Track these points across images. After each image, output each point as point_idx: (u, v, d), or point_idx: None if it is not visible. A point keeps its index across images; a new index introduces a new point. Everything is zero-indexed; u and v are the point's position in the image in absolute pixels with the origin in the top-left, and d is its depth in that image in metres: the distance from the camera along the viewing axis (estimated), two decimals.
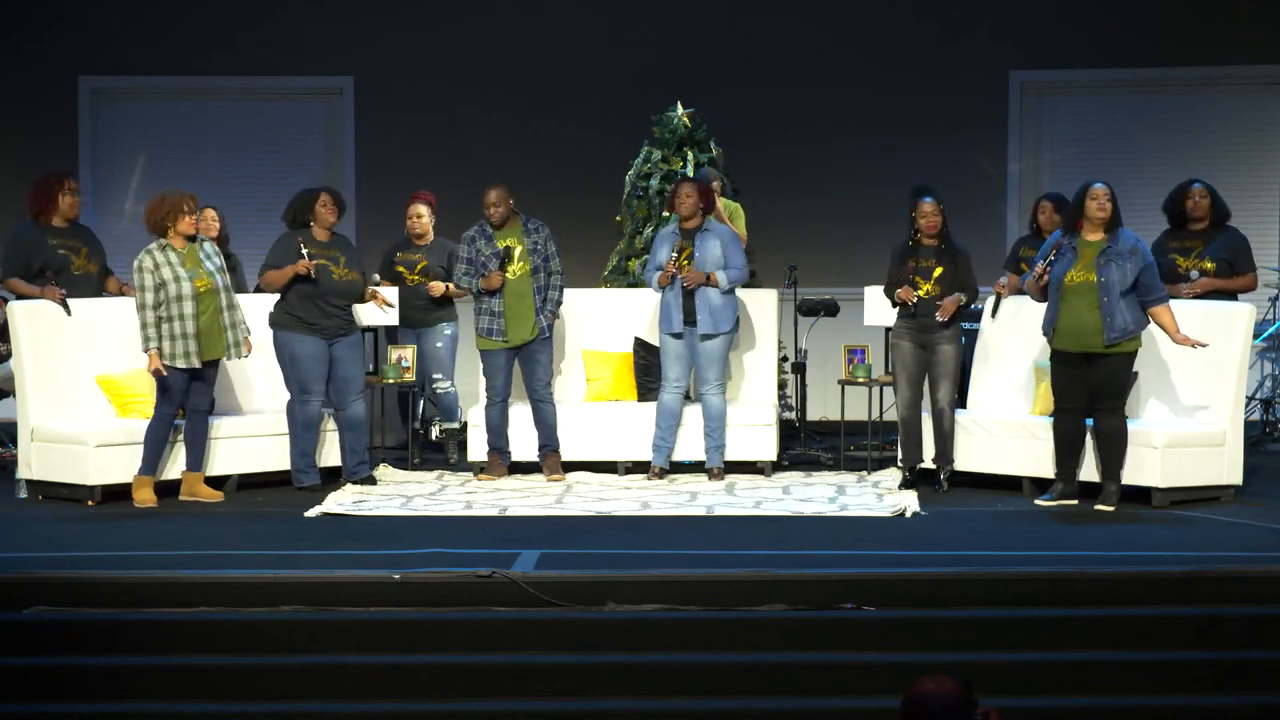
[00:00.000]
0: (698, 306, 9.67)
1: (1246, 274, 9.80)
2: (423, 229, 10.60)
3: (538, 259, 9.73)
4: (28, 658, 6.67)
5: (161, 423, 8.97)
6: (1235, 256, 9.78)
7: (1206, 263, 9.71)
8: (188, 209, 8.96)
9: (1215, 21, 12.69)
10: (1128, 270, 8.58)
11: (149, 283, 8.86)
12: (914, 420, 9.42)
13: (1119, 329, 8.58)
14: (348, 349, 9.53)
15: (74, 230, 9.79)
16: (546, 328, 9.75)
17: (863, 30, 12.84)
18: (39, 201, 9.71)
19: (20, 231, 9.75)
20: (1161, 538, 8.03)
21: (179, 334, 8.86)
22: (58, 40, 12.86)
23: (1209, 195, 9.81)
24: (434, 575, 7.02)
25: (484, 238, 9.75)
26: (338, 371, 9.48)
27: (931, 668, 6.15)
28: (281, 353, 9.45)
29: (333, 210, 9.54)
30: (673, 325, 9.71)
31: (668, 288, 9.70)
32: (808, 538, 8.06)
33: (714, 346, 9.72)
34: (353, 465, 9.54)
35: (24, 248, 9.66)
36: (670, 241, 9.76)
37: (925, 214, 9.30)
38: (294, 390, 9.44)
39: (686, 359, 9.76)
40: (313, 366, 9.40)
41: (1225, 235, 9.82)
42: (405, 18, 12.88)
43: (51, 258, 9.60)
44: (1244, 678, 6.59)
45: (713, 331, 9.69)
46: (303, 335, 9.40)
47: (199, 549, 7.70)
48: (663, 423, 9.80)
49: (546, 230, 9.82)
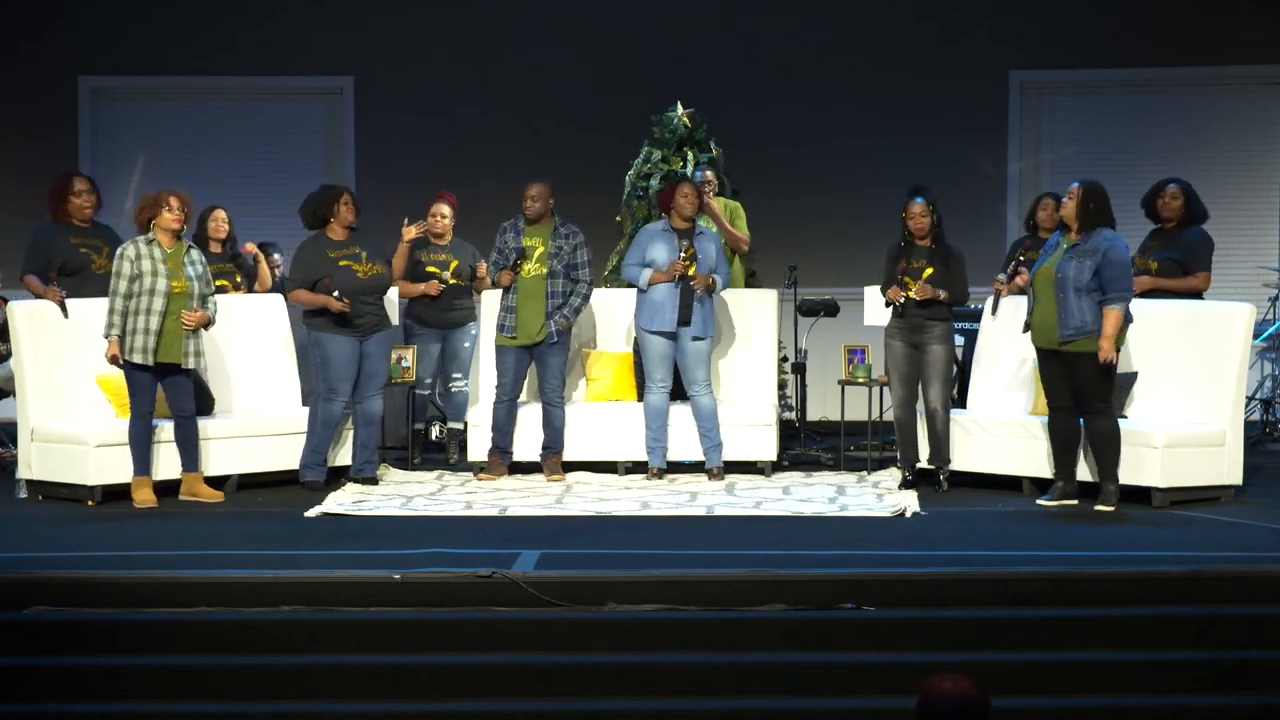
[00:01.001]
0: (694, 309, 9.67)
1: (1198, 274, 9.65)
2: (444, 229, 10.58)
3: (558, 263, 9.70)
4: (28, 658, 6.66)
5: (138, 420, 8.94)
6: (1187, 256, 9.63)
7: (1151, 262, 9.65)
8: (171, 206, 8.92)
9: (1215, 21, 12.70)
10: (1086, 267, 8.55)
11: (126, 271, 8.85)
12: (909, 420, 9.42)
13: (1073, 326, 8.56)
14: (379, 344, 9.61)
15: (94, 229, 9.85)
16: (555, 332, 9.71)
17: (863, 30, 12.84)
18: (53, 201, 9.78)
19: (39, 232, 9.80)
20: (1161, 538, 8.03)
21: (140, 328, 8.82)
22: (58, 40, 12.86)
23: (1181, 196, 9.71)
24: (434, 575, 7.02)
25: (514, 231, 9.78)
26: (365, 367, 9.54)
27: (931, 668, 6.15)
28: (316, 352, 9.52)
29: (353, 209, 9.59)
30: (665, 323, 9.69)
31: (667, 285, 9.66)
32: (808, 538, 8.06)
33: (703, 347, 9.73)
34: (360, 462, 9.55)
35: (44, 247, 9.70)
36: (665, 240, 9.74)
37: (914, 215, 9.31)
38: (322, 389, 9.51)
39: (671, 358, 9.75)
40: (345, 367, 9.46)
41: (1186, 235, 9.68)
42: (405, 18, 12.88)
43: (73, 257, 9.66)
44: (1244, 678, 6.59)
45: (703, 334, 9.70)
46: (338, 335, 9.46)
47: (199, 549, 7.70)
48: (654, 423, 9.80)
49: (580, 238, 9.78)
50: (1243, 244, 12.31)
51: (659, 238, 9.78)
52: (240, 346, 9.90)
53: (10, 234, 11.81)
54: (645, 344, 9.78)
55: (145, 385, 8.91)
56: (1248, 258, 12.34)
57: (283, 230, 11.36)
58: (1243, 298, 10.26)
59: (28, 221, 10.49)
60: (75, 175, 9.97)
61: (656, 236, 9.80)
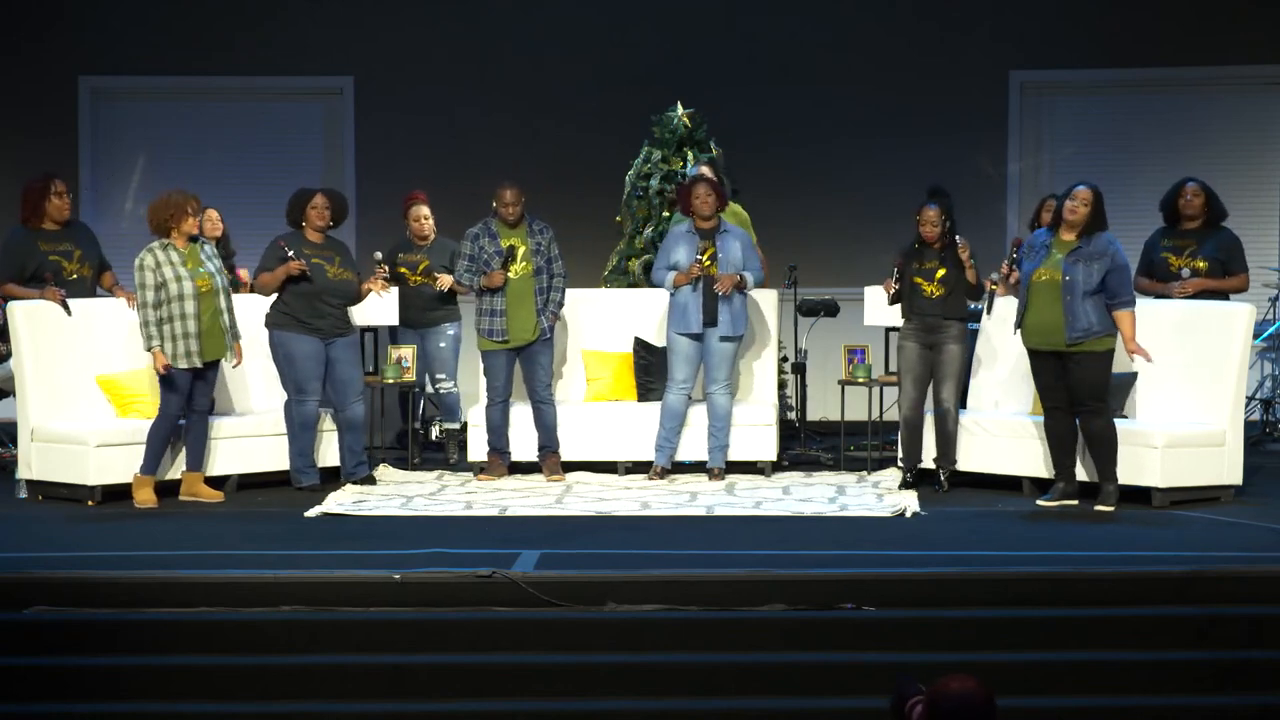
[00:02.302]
0: (720, 308, 9.66)
1: (1239, 275, 9.79)
2: (429, 230, 10.60)
3: (541, 260, 9.72)
4: (28, 658, 6.66)
5: (166, 422, 8.96)
6: (1228, 257, 9.78)
7: (1199, 262, 9.70)
8: (191, 210, 8.95)
9: (1215, 21, 12.69)
10: (1094, 271, 8.59)
11: (150, 281, 8.86)
12: (917, 420, 9.41)
13: (1081, 329, 8.59)
14: (345, 349, 9.53)
15: (66, 233, 9.71)
16: (548, 329, 9.73)
17: (863, 30, 12.84)
18: (27, 206, 9.66)
19: (10, 237, 9.70)
20: (1161, 538, 8.03)
21: (180, 334, 8.86)
22: (58, 40, 12.86)
23: (1203, 194, 9.80)
24: (434, 575, 7.02)
25: (488, 235, 9.75)
26: (336, 373, 9.47)
27: (931, 668, 6.16)
28: (278, 352, 9.44)
29: (322, 215, 9.49)
30: (690, 325, 9.68)
31: (689, 287, 9.66)
32: (808, 538, 8.06)
33: (730, 348, 9.72)
34: (351, 466, 9.53)
35: (15, 253, 9.61)
36: (688, 242, 9.72)
37: (926, 221, 9.32)
38: (290, 390, 9.43)
39: (696, 360, 9.74)
40: (309, 366, 9.39)
41: (1219, 235, 9.81)
42: (405, 18, 12.88)
43: (44, 264, 9.56)
44: (1244, 678, 6.60)
45: (732, 334, 9.69)
46: (299, 335, 9.39)
47: (199, 549, 7.70)
48: (668, 423, 9.79)
49: (551, 232, 9.81)
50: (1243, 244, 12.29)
51: (682, 240, 9.77)
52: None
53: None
54: (672, 345, 9.78)
55: (183, 389, 8.92)
56: (1248, 258, 12.29)
57: (283, 230, 11.35)
58: (1242, 297, 10.26)
59: None
60: (54, 177, 9.81)
61: (680, 239, 9.78)
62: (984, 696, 4.28)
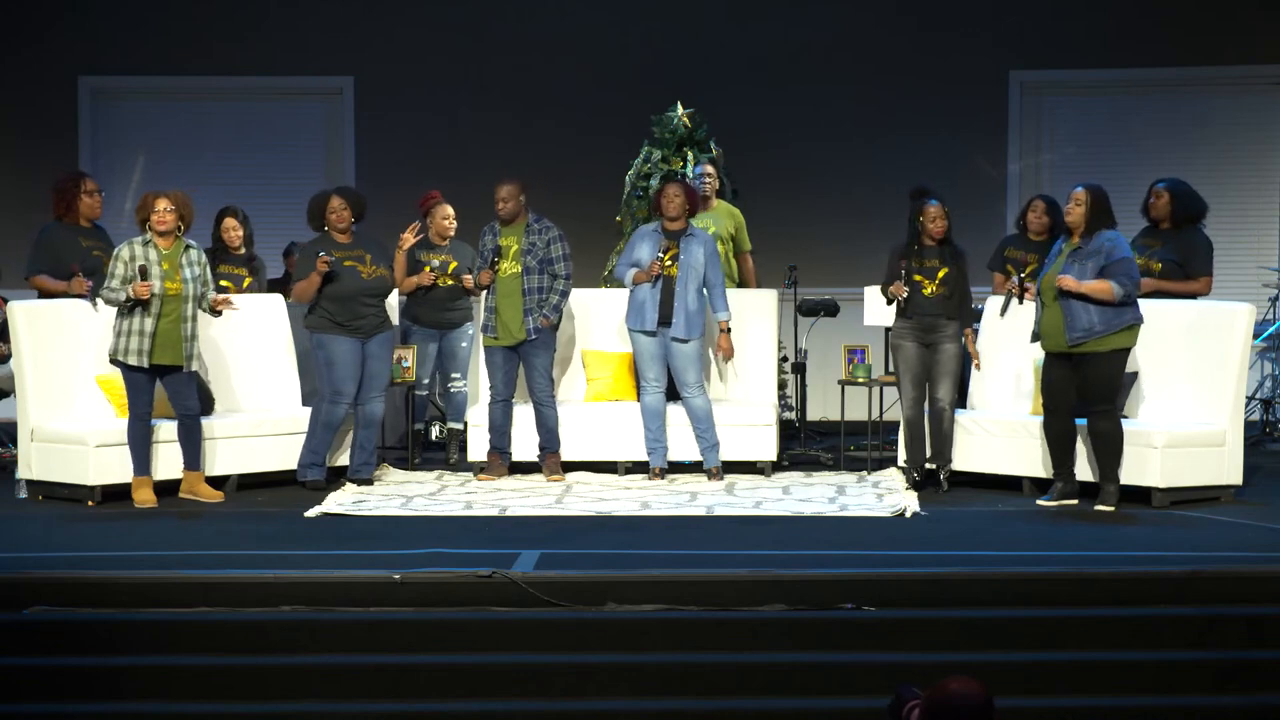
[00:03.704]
0: (675, 309, 9.66)
1: (1200, 278, 9.65)
2: (453, 229, 10.55)
3: (532, 260, 9.68)
4: (28, 658, 6.66)
5: (136, 421, 8.92)
6: (1186, 259, 9.64)
7: (1154, 264, 9.65)
8: (157, 208, 8.85)
9: (1215, 21, 12.70)
10: (1088, 270, 8.58)
11: (119, 271, 8.83)
12: (919, 420, 9.40)
13: (1081, 329, 8.58)
14: (380, 345, 9.60)
15: (97, 231, 9.83)
16: (534, 330, 9.67)
17: (863, 30, 12.84)
18: (61, 203, 9.72)
19: (46, 231, 9.74)
20: (1161, 538, 8.03)
21: (134, 330, 8.80)
22: (58, 40, 12.86)
23: (1166, 194, 9.70)
24: (434, 575, 7.02)
25: (491, 233, 9.77)
26: (367, 368, 9.52)
27: (931, 668, 6.17)
28: (319, 355, 9.50)
29: (341, 216, 9.54)
30: (645, 323, 9.68)
31: (648, 284, 9.66)
32: (808, 538, 8.06)
33: (689, 349, 9.71)
34: (358, 463, 9.54)
35: (54, 247, 9.65)
36: (652, 240, 9.74)
37: (932, 217, 9.29)
38: (326, 391, 9.47)
39: (661, 358, 9.74)
40: (350, 369, 9.45)
41: (1182, 236, 9.68)
42: (405, 18, 12.89)
43: (85, 258, 9.62)
44: (1244, 678, 6.59)
45: (685, 336, 9.68)
46: (340, 337, 9.45)
47: (199, 549, 7.70)
48: (651, 424, 9.79)
49: (554, 233, 9.74)
50: (1243, 244, 12.32)
51: (647, 238, 9.78)
52: (240, 346, 9.89)
53: (10, 234, 11.83)
54: (634, 343, 9.79)
55: (141, 387, 8.89)
56: (1248, 258, 12.34)
57: (284, 230, 11.37)
58: (1243, 298, 10.28)
59: (28, 221, 10.49)
60: (84, 175, 9.93)
61: (645, 237, 9.80)
62: (983, 698, 4.28)
